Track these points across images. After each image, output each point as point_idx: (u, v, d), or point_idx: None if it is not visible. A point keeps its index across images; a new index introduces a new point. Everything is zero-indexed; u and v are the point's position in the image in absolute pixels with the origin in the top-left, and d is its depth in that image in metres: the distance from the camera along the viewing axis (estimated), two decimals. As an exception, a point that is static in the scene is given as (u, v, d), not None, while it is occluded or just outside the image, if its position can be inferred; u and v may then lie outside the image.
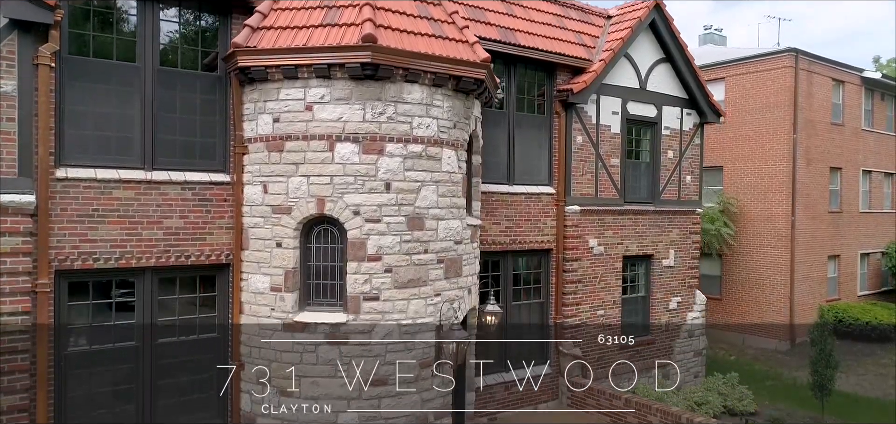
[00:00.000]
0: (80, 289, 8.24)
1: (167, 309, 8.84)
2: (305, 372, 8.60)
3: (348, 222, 8.55)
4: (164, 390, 8.80)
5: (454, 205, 9.37)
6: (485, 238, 11.64)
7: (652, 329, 14.63)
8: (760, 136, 21.22)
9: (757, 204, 21.31)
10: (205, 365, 9.12)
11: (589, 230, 13.24)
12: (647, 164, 14.51)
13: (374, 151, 8.56)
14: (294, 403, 8.62)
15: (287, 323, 8.65)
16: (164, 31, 8.76)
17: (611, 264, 13.70)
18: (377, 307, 8.64)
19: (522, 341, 12.72)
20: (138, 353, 8.58)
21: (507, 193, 12.13)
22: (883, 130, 24.88)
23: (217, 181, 8.98)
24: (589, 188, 13.25)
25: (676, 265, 15.02)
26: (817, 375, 14.31)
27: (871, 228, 24.47)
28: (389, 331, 8.69)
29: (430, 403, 9.11)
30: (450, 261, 9.29)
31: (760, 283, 21.23)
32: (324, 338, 8.58)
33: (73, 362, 8.20)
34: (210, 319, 9.16)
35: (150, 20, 8.54)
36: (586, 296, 13.26)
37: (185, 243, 8.75)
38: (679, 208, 14.92)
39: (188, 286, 9.00)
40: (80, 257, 8.02)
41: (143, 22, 8.51)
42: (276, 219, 8.68)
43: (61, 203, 7.90)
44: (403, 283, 8.76)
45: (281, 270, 8.68)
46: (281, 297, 8.67)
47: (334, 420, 8.59)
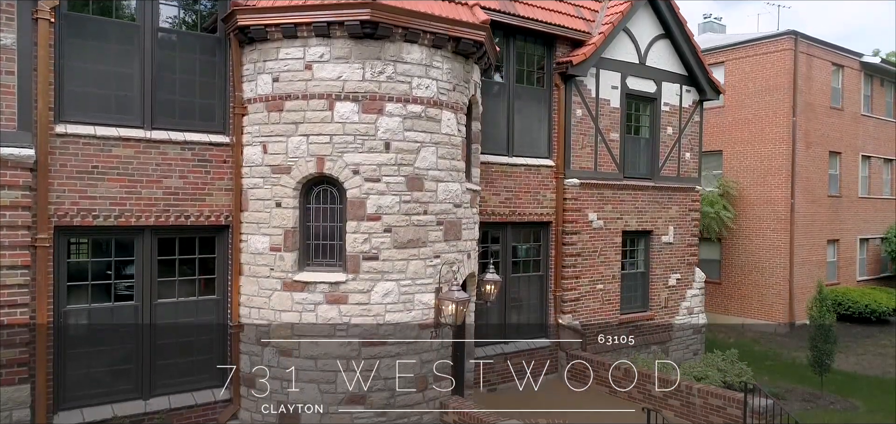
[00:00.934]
0: (80, 247, 8.23)
1: (167, 270, 8.84)
2: (305, 332, 8.61)
3: (348, 182, 8.55)
4: (163, 350, 8.81)
5: (454, 168, 9.38)
6: (484, 209, 11.64)
7: (651, 305, 14.63)
8: (760, 119, 21.22)
9: (756, 188, 21.31)
10: (205, 327, 9.13)
11: (588, 204, 13.24)
12: (647, 140, 14.52)
13: (374, 111, 8.57)
14: (294, 362, 8.63)
15: (287, 283, 8.65)
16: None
17: (610, 238, 13.70)
18: (376, 266, 8.64)
19: (522, 313, 12.73)
20: (138, 312, 8.59)
21: (507, 164, 12.13)
22: (882, 115, 24.88)
23: (216, 142, 8.98)
24: (588, 162, 13.25)
25: (676, 242, 15.02)
26: (816, 350, 14.33)
27: (870, 213, 24.48)
28: (389, 291, 8.69)
29: (429, 364, 9.12)
30: (449, 224, 9.29)
31: (760, 266, 21.24)
32: (323, 297, 8.59)
33: (72, 319, 8.20)
34: (210, 280, 9.16)
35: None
36: (586, 270, 13.26)
37: (185, 204, 8.75)
38: (678, 184, 14.93)
39: (188, 248, 8.99)
40: (79, 213, 8.02)
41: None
42: (276, 179, 8.69)
43: (61, 159, 7.90)
44: (403, 243, 8.76)
45: (280, 230, 8.68)
46: (280, 257, 8.68)
47: (333, 379, 8.59)
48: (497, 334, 12.27)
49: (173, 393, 8.81)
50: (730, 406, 10.11)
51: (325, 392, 8.58)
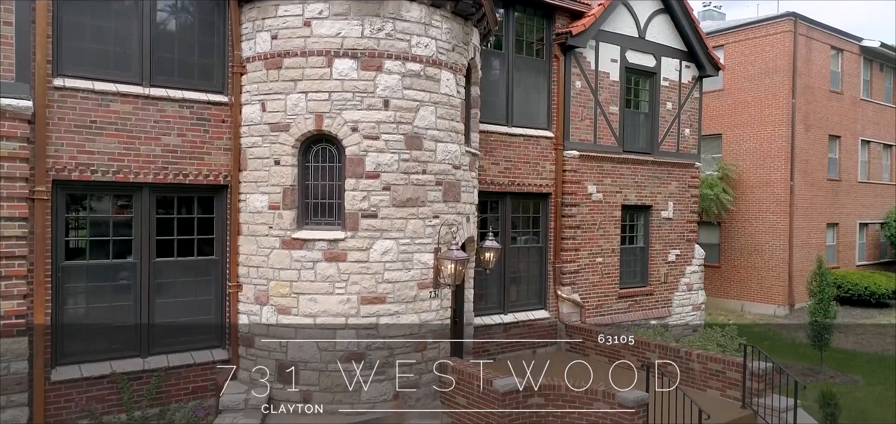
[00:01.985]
0: (78, 202, 8.22)
1: (165, 229, 8.82)
2: (303, 290, 8.59)
3: (346, 139, 8.54)
4: (162, 309, 8.79)
5: (453, 129, 9.37)
6: (484, 178, 11.63)
7: (650, 281, 14.63)
8: (759, 102, 21.21)
9: (756, 170, 21.30)
10: (203, 287, 9.11)
11: (587, 176, 13.23)
12: (646, 114, 14.51)
13: (373, 68, 8.55)
14: (292, 321, 8.61)
15: (285, 240, 8.64)
16: (162, -50, 8.75)
17: (609, 212, 13.69)
18: (375, 224, 8.63)
19: (521, 285, 12.71)
20: (136, 269, 8.57)
21: (506, 134, 12.12)
22: (882, 101, 24.88)
23: (215, 101, 8.97)
24: (588, 134, 13.25)
25: (675, 218, 15.02)
26: (816, 325, 14.32)
27: (869, 198, 24.48)
28: (387, 249, 8.68)
29: (428, 325, 9.10)
30: (448, 185, 9.28)
31: (759, 249, 21.23)
32: (322, 255, 8.57)
33: (70, 274, 8.18)
34: (208, 240, 9.15)
35: (148, -64, 8.52)
36: (585, 242, 13.25)
37: (183, 162, 8.73)
38: (678, 159, 14.92)
39: (186, 207, 8.98)
40: (77, 167, 8.00)
41: (141, -62, 8.50)
42: (274, 137, 8.67)
43: (59, 113, 7.88)
44: (402, 202, 8.75)
45: (279, 188, 8.67)
46: (279, 215, 8.66)
47: (332, 336, 8.58)
48: (496, 305, 12.27)
49: (172, 352, 8.79)
50: (729, 370, 10.09)
51: (325, 349, 8.57)
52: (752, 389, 9.71)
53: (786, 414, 9.32)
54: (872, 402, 12.15)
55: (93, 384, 8.15)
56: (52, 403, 7.89)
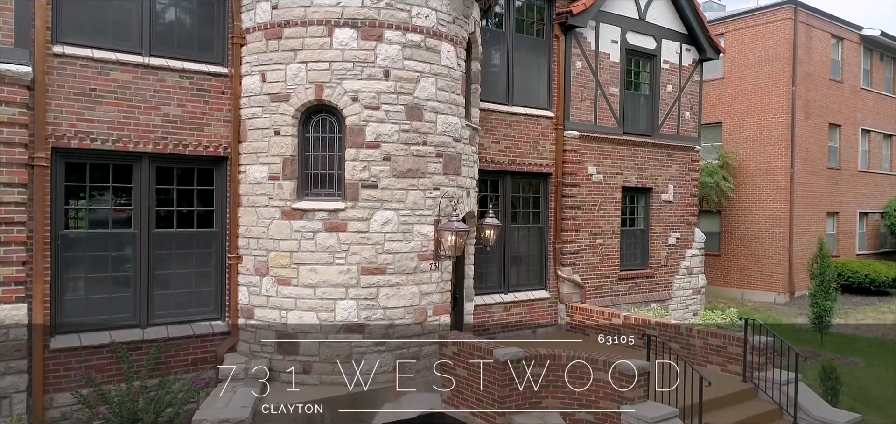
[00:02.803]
0: (77, 170, 8.19)
1: (165, 200, 8.80)
2: (303, 260, 8.58)
3: (347, 109, 8.52)
4: (161, 281, 8.78)
5: (453, 102, 9.35)
6: (484, 157, 11.62)
7: (650, 263, 14.61)
8: (759, 90, 21.20)
9: (756, 158, 21.29)
10: (203, 259, 9.10)
11: (588, 157, 13.22)
12: (647, 97, 14.49)
13: (373, 38, 8.53)
14: (292, 292, 8.59)
15: (285, 211, 8.62)
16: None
17: (610, 193, 13.67)
18: (375, 195, 8.61)
19: (521, 264, 12.70)
20: (135, 240, 8.55)
21: (507, 112, 12.10)
22: (882, 90, 24.88)
23: (215, 73, 8.94)
24: (588, 115, 13.23)
25: (675, 201, 15.00)
26: (816, 307, 14.32)
27: (869, 188, 24.47)
28: (388, 220, 8.66)
29: (428, 297, 9.09)
30: (448, 157, 9.26)
31: (759, 236, 21.22)
32: (322, 226, 8.55)
33: (70, 242, 8.16)
34: (208, 212, 9.12)
35: None
36: (585, 223, 13.23)
37: (183, 132, 8.71)
38: (678, 142, 14.90)
39: (186, 178, 8.95)
40: (77, 135, 7.98)
41: None
42: (274, 107, 8.65)
43: (58, 80, 7.86)
44: (402, 172, 8.73)
45: (279, 158, 8.65)
46: (279, 185, 8.64)
47: (332, 308, 8.56)
48: (496, 284, 12.25)
49: (171, 324, 8.77)
50: (729, 345, 10.08)
51: (325, 320, 8.55)
52: (753, 363, 9.69)
53: (786, 387, 9.30)
54: (873, 381, 12.15)
55: (92, 353, 8.13)
56: (51, 371, 7.87)
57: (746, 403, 9.30)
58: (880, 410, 10.41)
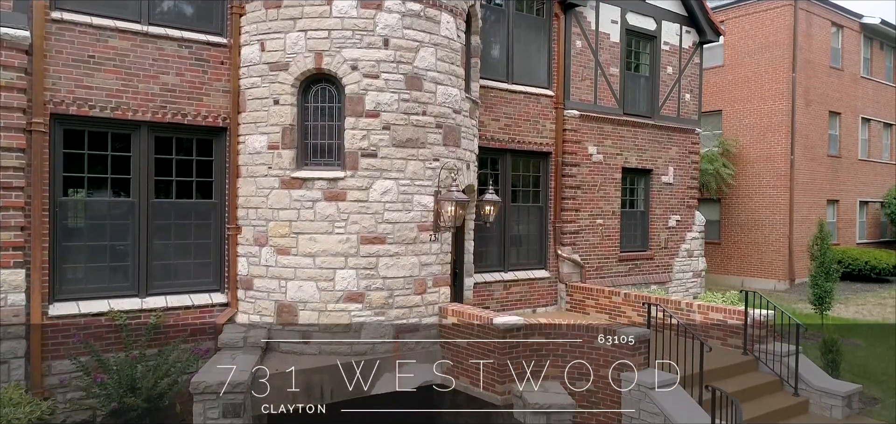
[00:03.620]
0: (76, 138, 8.16)
1: (164, 169, 8.77)
2: (303, 229, 8.55)
3: (346, 77, 8.49)
4: (160, 250, 8.75)
5: (453, 73, 9.32)
6: (484, 134, 11.59)
7: (651, 245, 14.59)
8: (759, 77, 21.18)
9: (756, 145, 21.27)
10: (202, 230, 9.07)
11: (588, 136, 13.19)
12: (647, 78, 14.46)
13: (372, 6, 8.50)
14: (291, 261, 8.57)
15: (284, 180, 8.59)
16: None
17: (610, 173, 13.65)
18: (375, 163, 8.58)
19: (521, 243, 12.67)
20: (134, 209, 8.52)
21: (507, 90, 12.07)
22: (882, 79, 24.84)
23: (214, 43, 8.91)
24: (588, 94, 13.20)
25: (676, 183, 14.98)
26: (817, 288, 14.29)
27: (869, 176, 24.44)
28: (387, 189, 8.63)
29: (428, 268, 9.06)
30: (448, 129, 9.24)
31: (759, 224, 21.20)
32: (321, 195, 8.53)
33: (68, 210, 8.14)
34: (207, 183, 9.10)
35: None
36: (585, 203, 13.20)
37: (182, 102, 8.68)
38: (678, 124, 14.87)
39: (185, 149, 8.92)
40: (75, 102, 7.96)
41: None
42: (274, 76, 8.63)
43: (56, 45, 7.83)
44: (401, 142, 8.70)
45: (278, 127, 8.62)
46: (278, 154, 8.62)
47: (332, 277, 8.53)
48: (496, 263, 12.23)
49: (170, 294, 8.74)
50: (730, 319, 10.06)
51: (324, 289, 8.53)
52: (754, 336, 9.67)
53: (787, 359, 9.28)
54: (874, 359, 12.14)
55: (91, 321, 8.10)
56: (49, 338, 7.85)
57: (747, 374, 9.28)
58: (881, 384, 10.39)
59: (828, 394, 8.83)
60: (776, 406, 8.64)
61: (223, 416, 6.90)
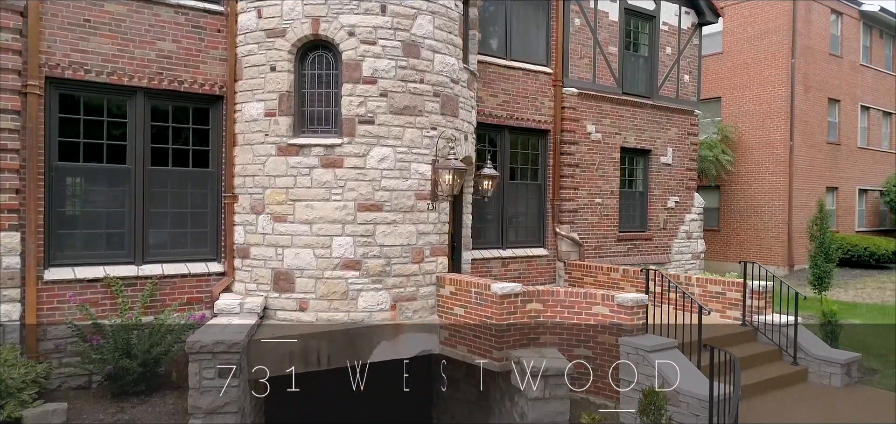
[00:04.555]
0: (71, 103, 8.12)
1: (161, 137, 8.73)
2: (299, 196, 8.51)
3: (343, 43, 8.45)
4: (156, 218, 8.71)
5: (451, 42, 9.28)
6: (482, 110, 11.57)
7: (650, 226, 14.55)
8: (758, 63, 21.14)
9: (755, 131, 21.23)
10: (199, 199, 9.02)
11: (586, 115, 13.15)
12: (646, 58, 14.43)
13: (370, -28, 8.46)
14: (288, 229, 8.53)
15: (281, 147, 8.55)
16: None
17: (609, 152, 13.61)
18: (372, 130, 8.55)
19: (519, 221, 12.63)
20: (130, 176, 8.48)
21: (505, 66, 12.03)
22: (881, 68, 24.81)
23: (211, 10, 8.87)
24: (586, 73, 13.17)
25: (675, 164, 14.95)
26: (816, 268, 14.27)
27: (869, 165, 24.41)
28: (384, 156, 8.60)
29: (425, 237, 9.02)
30: (446, 98, 9.20)
31: (759, 210, 21.17)
32: (318, 162, 8.49)
33: (64, 175, 8.09)
34: (204, 152, 9.05)
35: None
36: (584, 182, 13.17)
37: (178, 69, 8.64)
38: (677, 105, 14.84)
39: (182, 117, 8.88)
40: (71, 66, 7.92)
41: None
42: (270, 43, 8.59)
43: (52, 8, 7.79)
44: (399, 109, 8.67)
45: (275, 94, 8.58)
46: (275, 121, 8.58)
47: (328, 244, 8.50)
48: (495, 240, 12.20)
49: (166, 262, 8.71)
50: (729, 291, 10.04)
51: (321, 256, 8.49)
52: (752, 307, 9.65)
53: (786, 329, 9.25)
54: (872, 336, 12.10)
55: (86, 287, 8.06)
56: (45, 302, 7.81)
57: (746, 344, 9.25)
58: (881, 357, 10.36)
59: (827, 362, 8.80)
60: (775, 373, 8.61)
61: (219, 377, 6.85)
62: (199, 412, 6.80)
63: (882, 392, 8.58)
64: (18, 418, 6.74)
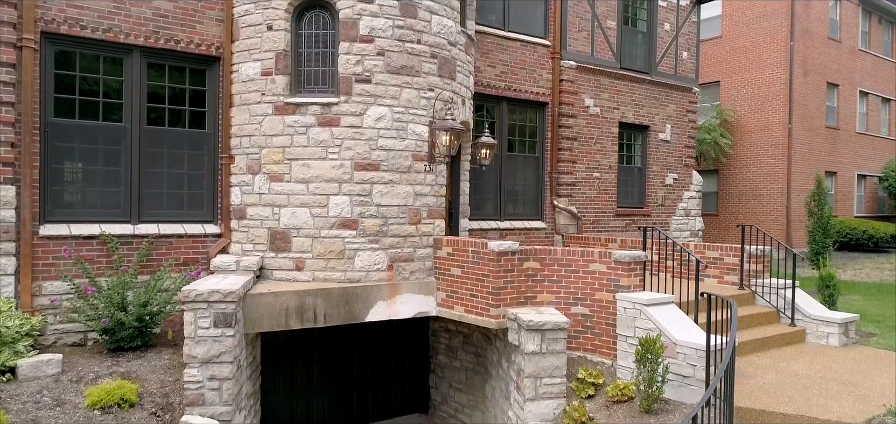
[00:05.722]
0: (67, 60, 8.09)
1: (157, 97, 8.70)
2: (296, 155, 8.49)
3: (340, 2, 8.43)
4: (152, 178, 8.68)
5: (448, 4, 9.25)
6: (480, 80, 11.55)
7: (648, 202, 14.53)
8: (757, 46, 21.12)
9: (754, 114, 21.22)
10: (195, 161, 9.00)
11: (584, 88, 13.13)
12: (644, 34, 14.40)
13: (367, -70, 8.44)
14: (284, 188, 8.50)
15: (278, 106, 8.53)
16: None
17: (607, 127, 13.59)
18: (369, 89, 8.52)
19: (517, 193, 12.61)
20: (126, 134, 8.46)
21: (503, 36, 12.01)
22: (880, 53, 24.79)
23: (207, -30, 8.85)
24: (585, 46, 13.15)
25: (673, 141, 14.92)
26: (814, 244, 14.25)
27: (867, 150, 24.40)
28: (381, 116, 8.57)
29: (422, 199, 9.00)
30: (443, 60, 9.17)
31: (757, 194, 21.15)
32: (315, 120, 8.46)
33: (59, 131, 8.06)
34: (200, 113, 9.02)
35: None
36: (582, 155, 13.15)
37: (175, 28, 8.61)
38: (676, 82, 14.82)
39: (179, 78, 8.85)
40: (66, 21, 7.89)
41: None
42: (267, 2, 8.55)
43: (47, -37, 7.77)
44: (396, 68, 8.64)
45: (272, 53, 8.56)
46: (272, 80, 8.55)
47: (325, 203, 8.47)
48: (492, 212, 12.17)
49: (163, 222, 8.68)
50: (726, 256, 10.02)
51: (318, 216, 8.46)
52: (750, 271, 9.62)
53: (784, 291, 9.23)
54: (870, 307, 12.10)
55: (82, 244, 8.03)
56: (40, 258, 7.78)
57: (744, 307, 9.23)
58: (878, 322, 10.34)
59: (824, 322, 8.78)
60: (773, 333, 8.60)
61: (214, 326, 6.83)
62: (195, 361, 6.78)
63: (880, 351, 8.56)
64: (13, 366, 6.73)
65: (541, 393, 7.41)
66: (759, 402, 6.39)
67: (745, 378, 7.21)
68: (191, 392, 6.75)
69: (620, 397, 7.11)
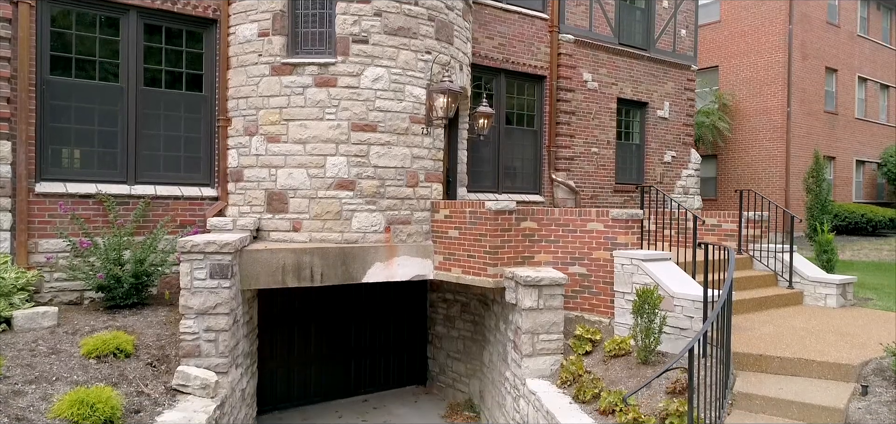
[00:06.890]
0: (63, 18, 8.06)
1: (154, 58, 8.68)
2: (293, 116, 8.47)
3: (337, -38, 8.41)
4: (149, 140, 8.66)
5: (445, -32, 9.24)
6: (477, 51, 11.53)
7: (646, 179, 14.51)
8: (756, 30, 21.12)
9: (753, 98, 21.21)
10: (192, 123, 8.97)
11: (583, 63, 13.12)
12: (643, 10, 14.38)
13: None
14: (281, 149, 8.48)
15: (275, 66, 8.51)
16: None
17: (605, 102, 13.57)
18: (366, 50, 8.50)
19: (515, 166, 12.59)
20: (123, 94, 8.43)
21: (501, 8, 11.98)
22: (879, 40, 24.80)
23: (204, -68, 8.83)
24: (583, 20, 13.13)
25: (671, 119, 14.91)
26: (813, 220, 14.24)
27: (866, 136, 24.40)
28: (379, 77, 8.55)
29: (420, 161, 8.98)
30: (441, 23, 9.15)
31: (756, 178, 21.15)
32: (312, 81, 8.44)
33: (55, 90, 8.03)
34: (197, 76, 9.00)
35: None
36: (580, 130, 13.13)
37: (171, -12, 8.60)
38: (674, 59, 14.80)
39: (176, 39, 8.82)
40: (62, -22, 7.87)
41: None
42: (264, -38, 8.54)
43: (43, -81, 7.74)
44: (393, 30, 8.62)
45: (269, 14, 8.54)
46: (269, 41, 8.53)
47: (322, 163, 8.45)
48: (490, 184, 12.15)
49: (159, 184, 8.66)
50: (725, 222, 10.00)
51: (315, 176, 8.44)
52: (748, 236, 9.61)
53: (782, 255, 9.22)
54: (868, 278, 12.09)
55: (78, 202, 8.01)
56: (36, 215, 7.76)
57: (742, 270, 9.22)
58: (876, 290, 10.34)
59: (822, 284, 8.78)
60: (771, 293, 8.58)
61: (210, 277, 6.80)
62: (191, 312, 6.76)
63: (879, 311, 8.55)
64: (9, 318, 6.71)
65: (538, 349, 7.40)
66: (756, 349, 6.38)
67: (742, 331, 7.20)
68: (187, 343, 6.73)
69: (618, 351, 7.09)
